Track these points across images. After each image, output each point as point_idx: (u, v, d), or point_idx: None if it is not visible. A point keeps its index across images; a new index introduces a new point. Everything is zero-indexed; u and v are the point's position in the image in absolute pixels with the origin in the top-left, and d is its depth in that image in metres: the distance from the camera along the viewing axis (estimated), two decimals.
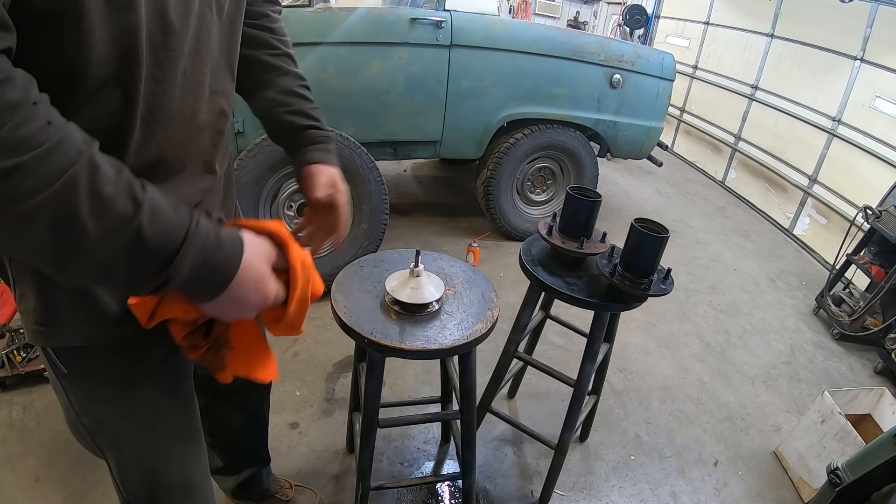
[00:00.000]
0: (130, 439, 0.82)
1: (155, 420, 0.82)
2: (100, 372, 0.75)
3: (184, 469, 0.89)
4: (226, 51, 0.73)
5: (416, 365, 2.12)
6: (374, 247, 2.50)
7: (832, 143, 3.70)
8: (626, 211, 3.97)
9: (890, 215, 2.61)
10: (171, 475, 0.87)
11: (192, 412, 0.89)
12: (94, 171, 0.46)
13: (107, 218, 0.46)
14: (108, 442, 0.82)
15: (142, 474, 0.85)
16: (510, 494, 1.67)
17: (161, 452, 0.85)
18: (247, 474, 1.35)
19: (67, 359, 0.72)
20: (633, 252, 1.26)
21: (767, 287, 3.20)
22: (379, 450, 1.69)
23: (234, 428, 1.27)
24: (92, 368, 0.74)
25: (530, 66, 2.82)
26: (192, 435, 0.90)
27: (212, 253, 0.55)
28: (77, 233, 0.45)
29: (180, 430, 0.87)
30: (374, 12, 2.57)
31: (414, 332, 1.08)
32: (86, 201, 0.44)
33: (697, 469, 1.85)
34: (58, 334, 0.69)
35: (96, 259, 0.48)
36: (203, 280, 0.56)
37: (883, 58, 3.34)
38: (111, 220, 0.46)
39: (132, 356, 0.75)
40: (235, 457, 1.33)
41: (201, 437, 0.93)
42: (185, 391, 0.87)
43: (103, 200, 0.45)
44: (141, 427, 0.81)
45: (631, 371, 2.29)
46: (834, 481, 1.29)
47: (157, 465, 0.85)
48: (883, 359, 2.48)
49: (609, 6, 7.84)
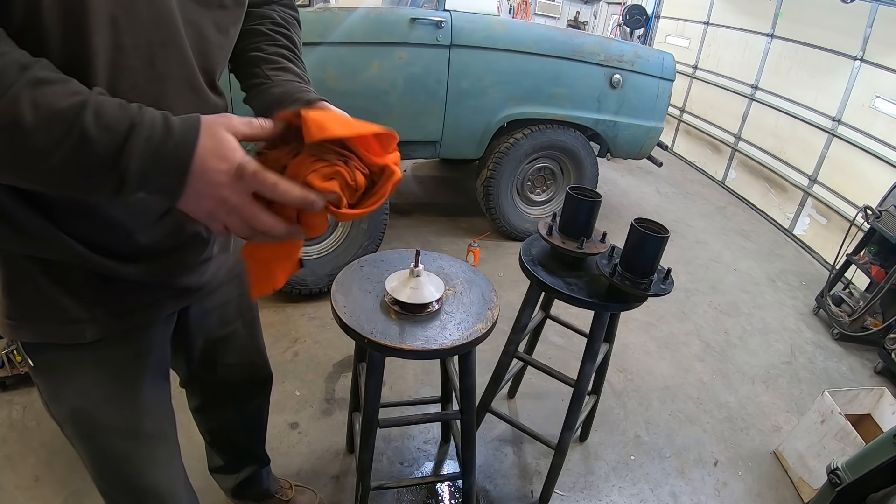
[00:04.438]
0: (95, 437, 0.83)
1: (117, 421, 0.83)
2: (61, 369, 0.77)
3: (152, 472, 0.89)
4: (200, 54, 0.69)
5: (416, 365, 2.12)
6: (374, 247, 2.50)
7: (832, 143, 3.70)
8: (626, 211, 3.97)
9: (890, 215, 2.61)
10: (140, 477, 0.88)
11: (158, 415, 0.89)
12: (37, 84, 0.48)
13: (51, 122, 0.48)
14: (74, 435, 0.83)
15: (109, 472, 0.87)
16: (510, 494, 1.67)
17: (126, 454, 0.85)
18: (246, 473, 1.35)
19: (34, 353, 0.75)
20: (633, 252, 1.26)
21: (767, 287, 3.20)
22: (379, 450, 1.69)
23: (232, 428, 1.27)
24: (55, 365, 0.77)
25: (530, 66, 2.82)
26: (160, 439, 0.90)
27: (161, 141, 0.52)
28: (24, 137, 0.48)
29: (145, 433, 0.87)
30: (374, 12, 2.57)
31: (414, 332, 1.08)
32: (29, 111, 0.47)
33: (697, 469, 1.85)
34: (23, 329, 0.72)
35: (48, 163, 0.49)
36: (160, 171, 0.52)
37: (883, 58, 3.34)
38: (55, 123, 0.48)
39: (92, 357, 0.77)
40: (234, 456, 1.33)
41: (171, 441, 0.94)
42: (150, 394, 0.86)
43: (44, 109, 0.48)
44: (102, 426, 0.82)
45: (631, 371, 2.29)
46: (834, 481, 1.29)
47: (123, 467, 0.86)
48: (883, 359, 2.48)
49: (609, 6, 7.84)
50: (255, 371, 1.19)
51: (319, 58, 2.44)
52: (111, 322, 0.75)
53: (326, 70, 2.47)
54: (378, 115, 2.65)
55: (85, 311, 0.72)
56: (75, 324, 0.72)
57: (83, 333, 0.73)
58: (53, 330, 0.72)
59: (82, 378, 0.78)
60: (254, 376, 1.20)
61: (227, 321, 1.04)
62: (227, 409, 1.22)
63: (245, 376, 1.17)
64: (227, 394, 1.18)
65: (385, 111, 2.66)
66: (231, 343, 1.08)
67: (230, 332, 1.06)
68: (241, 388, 1.19)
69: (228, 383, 1.15)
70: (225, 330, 1.05)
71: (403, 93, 2.64)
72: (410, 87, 2.65)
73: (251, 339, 1.14)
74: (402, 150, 3.21)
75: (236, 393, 1.19)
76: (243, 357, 1.14)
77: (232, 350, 1.09)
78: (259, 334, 1.17)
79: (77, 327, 0.72)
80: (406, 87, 2.64)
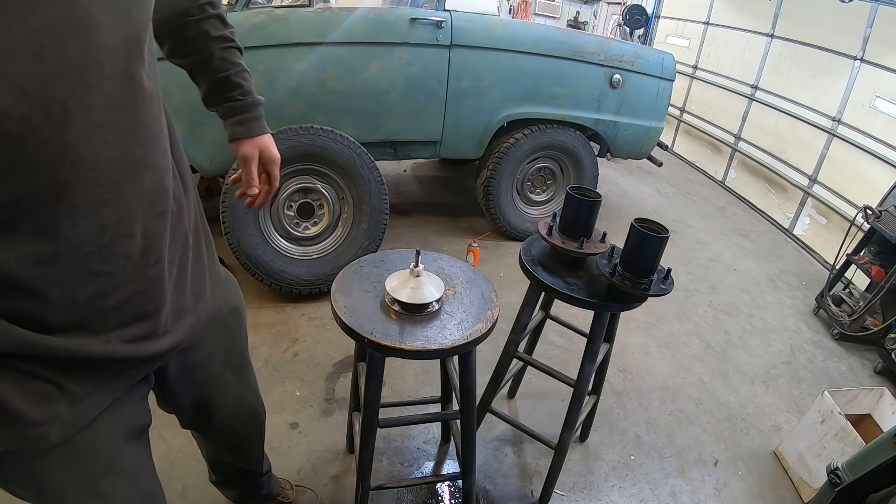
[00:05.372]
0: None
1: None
2: (32, 473, 0.68)
3: None
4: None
5: (416, 365, 2.12)
6: (374, 247, 2.50)
7: (832, 143, 3.70)
8: (626, 211, 3.97)
9: (890, 215, 2.61)
10: None
11: (144, 479, 0.82)
12: None
13: None
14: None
15: None
16: (510, 494, 1.67)
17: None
18: (248, 483, 1.34)
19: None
20: (633, 252, 1.26)
21: (767, 287, 3.20)
22: (379, 450, 1.69)
23: (226, 460, 1.23)
24: (25, 470, 0.68)
25: (530, 66, 2.82)
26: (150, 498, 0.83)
27: None
28: None
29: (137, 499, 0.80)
30: (374, 12, 2.57)
31: (414, 332, 1.08)
32: None
33: (697, 469, 1.85)
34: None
35: None
36: None
37: (883, 58, 3.34)
38: None
39: (61, 452, 0.67)
40: (235, 474, 1.31)
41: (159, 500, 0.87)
42: (132, 461, 0.79)
43: None
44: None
45: (631, 371, 2.29)
46: (834, 481, 1.29)
47: None
48: (883, 359, 2.48)
49: (609, 6, 7.84)
50: (255, 418, 1.15)
51: (319, 58, 2.44)
52: (76, 413, 0.65)
53: (326, 70, 2.47)
54: (378, 115, 2.65)
55: (40, 409, 0.61)
56: (34, 427, 0.61)
57: (46, 436, 0.62)
58: (6, 437, 0.61)
59: (57, 475, 0.69)
60: (255, 423, 1.15)
61: (214, 374, 0.97)
62: (230, 452, 1.18)
63: (246, 426, 1.12)
64: (229, 443, 1.13)
65: (385, 111, 2.66)
66: (223, 396, 1.01)
67: (219, 386, 0.99)
68: (244, 435, 1.15)
69: (230, 434, 1.10)
70: (213, 385, 0.98)
71: (403, 93, 2.64)
72: (410, 87, 2.65)
73: (245, 387, 1.08)
74: (402, 151, 3.21)
75: (238, 441, 1.15)
76: (240, 407, 1.08)
77: (226, 403, 1.03)
78: (252, 376, 1.11)
79: (36, 431, 0.61)
80: (406, 87, 2.64)
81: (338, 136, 2.36)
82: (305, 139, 2.30)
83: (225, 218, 2.22)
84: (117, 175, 0.59)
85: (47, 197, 0.53)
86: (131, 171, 0.61)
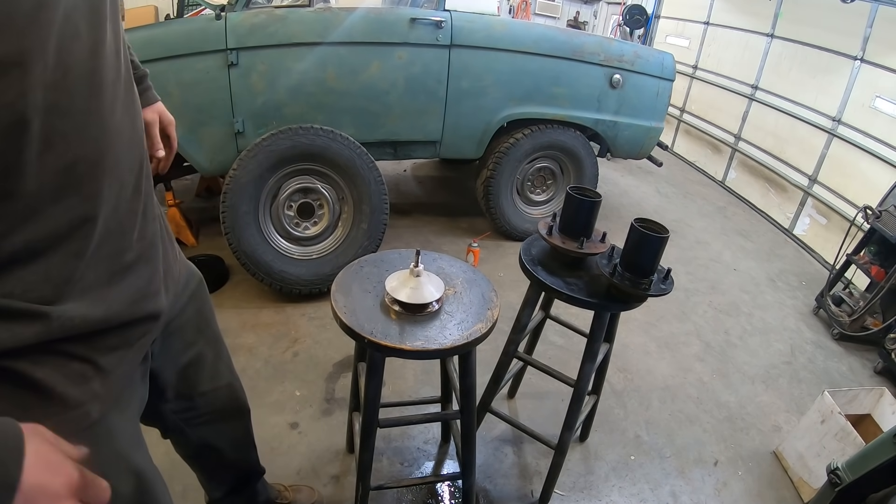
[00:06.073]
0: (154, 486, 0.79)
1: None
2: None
3: None
4: None
5: (416, 365, 2.12)
6: (374, 247, 2.50)
7: (832, 143, 3.70)
8: (626, 211, 3.97)
9: (890, 215, 2.61)
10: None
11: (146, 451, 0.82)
12: None
13: None
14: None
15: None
16: (510, 494, 1.67)
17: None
18: (244, 498, 1.33)
19: None
20: (633, 252, 1.26)
21: (767, 287, 3.20)
22: (379, 450, 1.69)
23: (215, 461, 1.22)
24: None
25: (530, 66, 2.82)
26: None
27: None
28: None
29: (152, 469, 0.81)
30: (374, 12, 2.57)
31: (414, 332, 1.08)
32: None
33: (697, 469, 1.85)
34: None
35: None
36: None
37: (883, 58, 3.34)
38: None
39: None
40: (231, 486, 1.30)
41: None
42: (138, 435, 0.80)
43: None
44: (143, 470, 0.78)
45: (631, 371, 2.29)
46: (834, 481, 1.29)
47: None
48: (883, 359, 2.48)
49: (609, 6, 7.83)
50: (233, 393, 1.13)
51: (319, 58, 2.44)
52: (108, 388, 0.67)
53: (326, 70, 2.47)
54: (378, 115, 2.66)
55: (80, 389, 0.63)
56: (77, 408, 0.63)
57: (88, 415, 0.65)
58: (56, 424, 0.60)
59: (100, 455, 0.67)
60: (233, 398, 1.14)
61: (190, 342, 0.98)
62: (217, 446, 1.17)
63: (225, 402, 1.11)
64: (214, 430, 1.12)
65: (385, 111, 2.66)
66: (200, 368, 1.02)
67: (196, 356, 1.00)
68: (225, 416, 1.13)
69: (211, 415, 1.09)
70: (190, 355, 0.98)
71: (403, 93, 2.64)
72: (410, 87, 2.65)
73: (219, 361, 1.08)
74: (402, 150, 3.21)
75: (221, 426, 1.13)
76: (218, 381, 1.08)
77: (204, 375, 1.03)
78: (225, 351, 1.10)
79: (79, 412, 0.63)
80: (406, 87, 2.64)
81: (338, 136, 2.36)
82: (305, 139, 2.30)
83: (225, 218, 2.22)
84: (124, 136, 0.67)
85: (96, 161, 0.60)
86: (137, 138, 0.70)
